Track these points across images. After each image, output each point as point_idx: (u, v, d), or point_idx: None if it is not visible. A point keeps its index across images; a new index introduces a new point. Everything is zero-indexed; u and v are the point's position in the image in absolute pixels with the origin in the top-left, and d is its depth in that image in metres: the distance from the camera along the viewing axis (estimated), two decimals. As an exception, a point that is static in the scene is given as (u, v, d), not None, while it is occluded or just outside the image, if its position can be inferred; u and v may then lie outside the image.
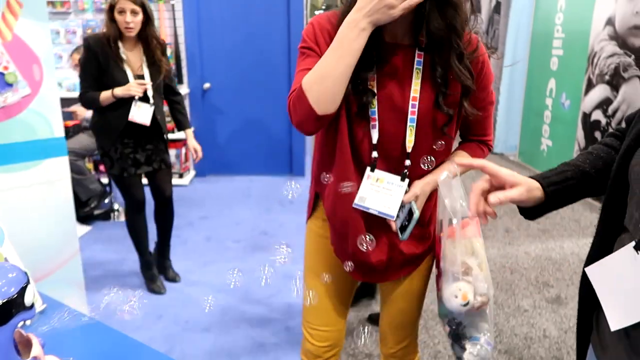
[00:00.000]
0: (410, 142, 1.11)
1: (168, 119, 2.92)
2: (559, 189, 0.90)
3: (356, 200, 1.15)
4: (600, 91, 4.11)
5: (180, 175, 4.70)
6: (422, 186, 1.15)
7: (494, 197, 0.88)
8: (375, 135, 1.11)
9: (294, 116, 1.07)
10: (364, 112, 1.10)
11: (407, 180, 1.14)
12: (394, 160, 1.14)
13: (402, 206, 1.15)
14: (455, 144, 1.27)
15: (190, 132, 2.81)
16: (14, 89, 1.78)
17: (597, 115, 4.16)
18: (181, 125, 2.80)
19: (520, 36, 5.52)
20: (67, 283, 1.98)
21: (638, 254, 0.69)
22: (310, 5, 7.98)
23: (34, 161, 1.89)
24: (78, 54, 3.51)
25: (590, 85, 4.25)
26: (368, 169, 1.14)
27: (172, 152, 4.65)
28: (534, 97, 5.26)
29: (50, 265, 1.94)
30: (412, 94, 1.09)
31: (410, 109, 1.09)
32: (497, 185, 0.90)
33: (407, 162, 1.13)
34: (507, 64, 5.68)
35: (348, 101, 1.09)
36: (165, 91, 2.68)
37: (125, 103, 2.46)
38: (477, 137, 1.26)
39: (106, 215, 3.80)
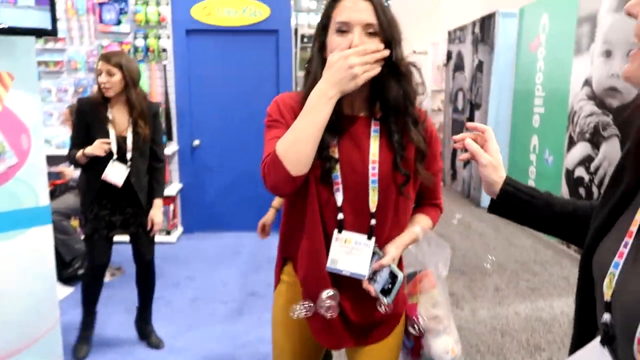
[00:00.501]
0: (373, 202, 1.19)
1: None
2: (513, 193, 0.98)
3: (328, 264, 1.19)
4: (582, 148, 4.22)
5: (168, 232, 4.65)
6: (396, 249, 1.22)
7: (469, 141, 1.02)
8: (339, 198, 1.19)
9: (268, 180, 1.14)
10: (327, 177, 1.18)
11: (373, 239, 1.20)
12: (359, 221, 1.20)
13: (379, 270, 1.19)
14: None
15: (158, 202, 2.69)
16: (0, 159, 1.79)
17: (580, 172, 4.25)
18: (152, 192, 2.69)
19: (502, 93, 5.70)
20: (44, 357, 1.91)
21: (604, 348, 0.70)
22: (299, 60, 8.21)
23: (17, 230, 1.86)
24: (70, 111, 3.57)
25: (572, 143, 4.36)
26: (335, 230, 1.20)
27: (160, 209, 4.62)
28: (518, 153, 5.37)
29: (26, 340, 1.87)
30: (371, 158, 1.18)
31: (371, 172, 1.18)
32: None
33: (373, 222, 1.20)
34: (489, 121, 5.83)
35: (313, 167, 1.15)
36: (150, 156, 2.66)
37: (103, 163, 2.48)
38: (430, 202, 1.37)
39: (90, 276, 3.71)
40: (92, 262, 2.63)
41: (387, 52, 1.10)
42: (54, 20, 1.70)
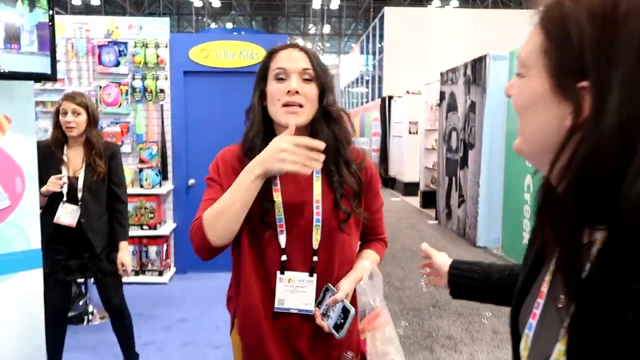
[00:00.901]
0: (316, 240, 1.23)
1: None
2: (458, 274, 1.05)
3: (276, 304, 1.23)
4: (576, 189, 4.23)
5: (160, 273, 4.58)
6: (349, 285, 1.25)
7: (424, 245, 1.19)
8: (282, 240, 1.22)
9: (193, 243, 1.20)
10: (267, 220, 1.21)
11: (315, 275, 1.24)
12: (302, 259, 1.23)
13: (332, 306, 1.22)
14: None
15: (124, 244, 2.61)
16: (-7, 202, 1.77)
17: (575, 212, 4.25)
18: (115, 235, 2.61)
19: (495, 133, 5.77)
20: (29, 408, 1.84)
21: None
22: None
23: (7, 274, 1.83)
24: None
25: (565, 183, 4.39)
26: (278, 272, 1.23)
27: (153, 249, 4.58)
28: (513, 192, 5.39)
29: (12, 389, 1.81)
30: (315, 197, 1.24)
31: (315, 210, 1.23)
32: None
33: (315, 259, 1.24)
34: (483, 160, 5.88)
35: (252, 210, 1.18)
36: (108, 197, 2.62)
37: (56, 207, 2.47)
38: (375, 237, 1.43)
39: (79, 319, 3.63)
40: (49, 305, 2.54)
41: (322, 157, 1.12)
42: (53, 65, 1.73)
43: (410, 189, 10.27)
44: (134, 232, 4.47)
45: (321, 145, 1.12)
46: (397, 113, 11.27)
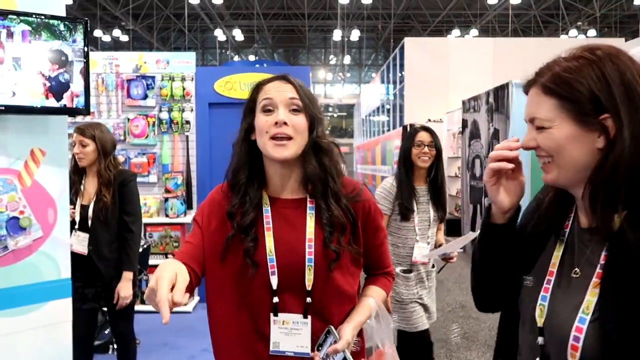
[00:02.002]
0: (309, 281, 1.17)
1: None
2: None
3: (271, 347, 1.18)
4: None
5: (184, 302, 4.59)
6: (352, 332, 1.19)
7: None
8: (275, 282, 1.17)
9: None
10: (253, 259, 1.16)
11: (309, 317, 1.19)
12: (295, 300, 1.19)
13: (332, 354, 1.16)
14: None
15: (126, 274, 2.59)
16: (26, 232, 1.82)
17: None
18: (121, 264, 2.60)
19: (520, 159, 5.70)
20: None
21: None
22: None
23: (37, 304, 1.86)
24: None
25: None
26: (271, 314, 1.18)
27: (178, 278, 4.60)
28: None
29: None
30: (307, 236, 1.18)
31: (307, 250, 1.17)
32: None
33: (308, 300, 1.18)
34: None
35: (234, 250, 1.17)
36: (119, 225, 2.63)
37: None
38: (380, 271, 1.37)
39: (105, 347, 3.64)
40: (73, 334, 2.57)
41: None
42: (87, 99, 1.80)
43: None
44: (158, 260, 4.52)
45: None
46: (418, 141, 11.25)
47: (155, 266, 3.78)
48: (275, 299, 1.17)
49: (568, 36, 17.90)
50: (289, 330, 1.19)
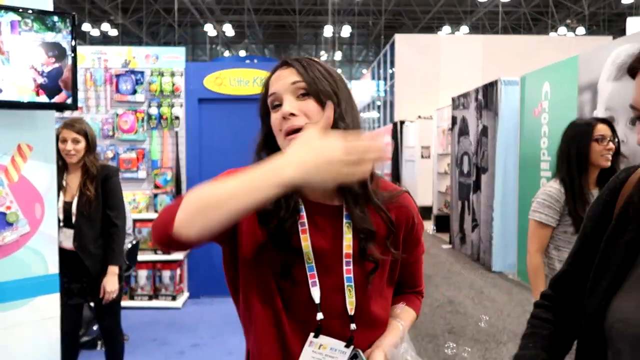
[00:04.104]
0: (351, 305, 1.00)
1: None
2: None
3: None
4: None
5: (173, 298, 4.59)
6: (382, 356, 1.02)
7: None
8: (317, 294, 0.98)
9: (154, 228, 0.93)
10: (287, 273, 0.99)
11: (352, 347, 1.00)
12: (337, 323, 1.00)
13: None
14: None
15: (112, 269, 2.58)
16: (13, 228, 1.81)
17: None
18: (107, 259, 2.59)
19: (508, 157, 5.76)
20: None
21: None
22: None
23: (24, 299, 1.86)
24: None
25: (580, 207, 4.35)
26: (311, 335, 0.99)
27: (166, 274, 4.60)
28: (527, 217, 5.34)
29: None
30: (344, 251, 0.99)
31: (345, 268, 0.99)
32: None
33: (353, 326, 1.00)
34: (497, 185, 5.86)
35: (270, 262, 0.99)
36: (103, 220, 2.62)
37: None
38: (411, 289, 1.21)
39: (93, 344, 3.63)
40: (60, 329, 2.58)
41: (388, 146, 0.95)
42: (75, 94, 1.79)
43: (423, 213, 10.12)
44: (148, 256, 4.51)
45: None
46: (409, 138, 11.32)
47: (145, 262, 3.80)
48: (319, 316, 0.98)
49: (557, 34, 18.03)
50: (323, 357, 1.00)
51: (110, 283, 2.55)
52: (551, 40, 15.25)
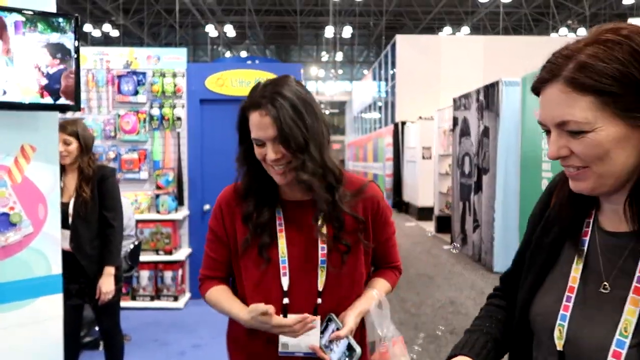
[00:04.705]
0: (321, 283, 1.21)
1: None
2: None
3: (280, 349, 1.20)
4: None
5: (175, 298, 4.59)
6: (354, 319, 1.21)
7: None
8: (285, 283, 1.21)
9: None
10: (266, 255, 1.22)
11: (319, 317, 1.20)
12: (305, 301, 1.21)
13: (335, 340, 1.18)
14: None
15: (108, 269, 2.58)
16: (16, 228, 1.82)
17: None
18: (103, 259, 2.59)
19: (509, 158, 5.76)
20: None
21: None
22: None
23: (27, 300, 1.86)
24: None
25: (582, 207, 4.34)
26: (280, 316, 1.18)
27: (168, 274, 4.60)
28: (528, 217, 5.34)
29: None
30: (319, 237, 1.22)
31: (320, 252, 1.21)
32: None
33: (319, 300, 1.22)
34: (498, 185, 5.86)
35: (246, 254, 1.24)
36: (100, 221, 2.62)
37: None
38: (387, 265, 1.40)
39: (95, 344, 3.64)
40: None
41: (315, 319, 1.17)
42: (77, 95, 1.79)
43: (424, 213, 10.22)
44: (150, 257, 4.52)
45: (306, 319, 1.14)
46: (410, 138, 11.32)
47: (146, 263, 3.82)
48: (285, 300, 1.20)
49: (558, 34, 18.03)
50: None
51: (106, 284, 2.55)
52: (552, 41, 15.24)
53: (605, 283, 0.74)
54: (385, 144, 13.23)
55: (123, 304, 4.48)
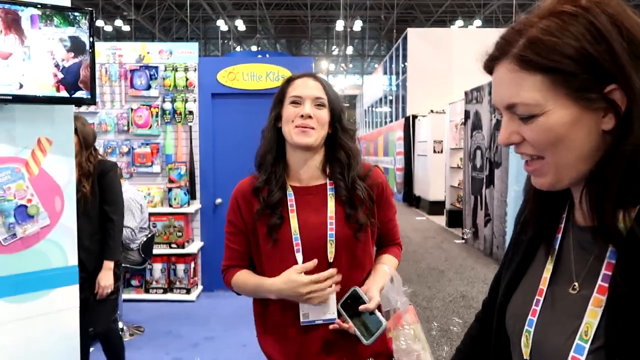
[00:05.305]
0: (331, 254, 1.32)
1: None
2: None
3: (302, 319, 1.31)
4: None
5: (188, 291, 4.64)
6: (378, 292, 1.31)
7: None
8: (300, 258, 1.32)
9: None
10: (275, 236, 1.33)
11: (333, 286, 1.31)
12: (318, 271, 1.30)
13: (363, 313, 1.26)
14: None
15: (107, 264, 2.58)
16: (34, 220, 1.85)
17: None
18: (103, 254, 2.60)
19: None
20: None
21: None
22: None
23: (44, 290, 1.89)
24: None
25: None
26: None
27: (181, 267, 4.65)
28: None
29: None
30: (329, 214, 1.34)
31: (328, 227, 1.32)
32: None
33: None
34: (510, 179, 5.82)
35: (259, 234, 1.35)
36: (100, 215, 2.62)
37: None
38: (391, 242, 1.52)
39: (109, 335, 3.69)
40: None
41: (338, 278, 1.29)
42: (93, 89, 1.81)
43: (435, 207, 10.18)
44: (162, 250, 4.56)
45: (332, 271, 1.27)
46: (421, 132, 11.26)
47: (159, 255, 3.87)
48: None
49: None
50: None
51: (105, 278, 2.54)
52: (566, 33, 14.95)
53: (575, 283, 0.67)
54: (396, 138, 13.19)
55: (136, 296, 4.57)
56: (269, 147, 1.38)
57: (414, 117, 11.81)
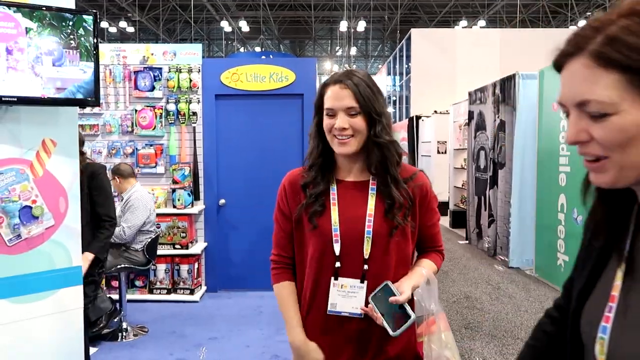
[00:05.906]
0: (367, 251, 1.34)
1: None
2: None
3: (329, 307, 1.36)
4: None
5: (191, 292, 4.65)
6: (410, 289, 1.32)
7: None
8: (337, 248, 1.35)
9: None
10: (315, 222, 1.37)
11: (365, 282, 1.35)
12: (353, 267, 1.35)
13: (392, 306, 1.27)
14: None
15: (85, 255, 2.60)
16: (39, 221, 1.86)
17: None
18: (87, 247, 2.62)
19: (526, 152, 5.70)
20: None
21: None
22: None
23: (48, 291, 1.90)
24: None
25: (600, 202, 4.28)
26: (332, 278, 1.36)
27: (184, 268, 4.66)
28: (546, 212, 5.29)
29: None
30: (368, 212, 1.37)
31: (367, 224, 1.35)
32: None
33: (365, 267, 1.35)
34: (515, 180, 5.80)
35: (302, 223, 1.40)
36: (92, 215, 2.63)
37: None
38: (432, 248, 1.52)
39: (114, 335, 3.71)
40: None
41: None
42: (97, 91, 1.82)
43: (439, 208, 10.06)
44: (166, 251, 4.58)
45: None
46: (425, 133, 11.24)
47: (163, 256, 3.87)
48: (337, 264, 1.35)
49: (577, 27, 17.70)
50: (346, 293, 1.35)
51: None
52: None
53: None
54: (400, 139, 13.17)
55: (140, 296, 4.58)
56: (316, 154, 1.41)
57: (418, 117, 11.80)
